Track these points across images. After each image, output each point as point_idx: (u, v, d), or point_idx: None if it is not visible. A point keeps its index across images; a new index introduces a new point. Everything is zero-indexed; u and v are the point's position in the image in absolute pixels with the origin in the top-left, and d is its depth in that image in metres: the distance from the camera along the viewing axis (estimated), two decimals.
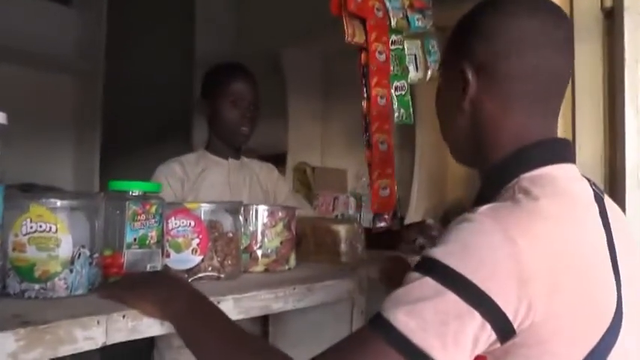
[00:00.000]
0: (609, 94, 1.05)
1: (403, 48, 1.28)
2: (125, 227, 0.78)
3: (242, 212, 0.92)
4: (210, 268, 0.84)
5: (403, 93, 1.26)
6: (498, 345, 0.53)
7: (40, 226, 0.67)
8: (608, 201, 0.66)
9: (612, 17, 1.04)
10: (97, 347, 0.62)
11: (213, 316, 0.65)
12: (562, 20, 0.66)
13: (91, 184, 2.37)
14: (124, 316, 0.64)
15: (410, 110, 1.28)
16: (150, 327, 0.66)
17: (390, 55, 1.24)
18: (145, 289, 0.68)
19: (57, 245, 0.68)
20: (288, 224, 0.97)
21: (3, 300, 0.66)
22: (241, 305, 0.76)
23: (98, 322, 0.61)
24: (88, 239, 0.72)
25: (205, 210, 0.85)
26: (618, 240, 0.61)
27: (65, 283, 0.68)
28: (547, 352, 0.53)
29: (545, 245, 0.54)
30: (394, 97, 1.24)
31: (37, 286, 0.67)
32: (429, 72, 1.35)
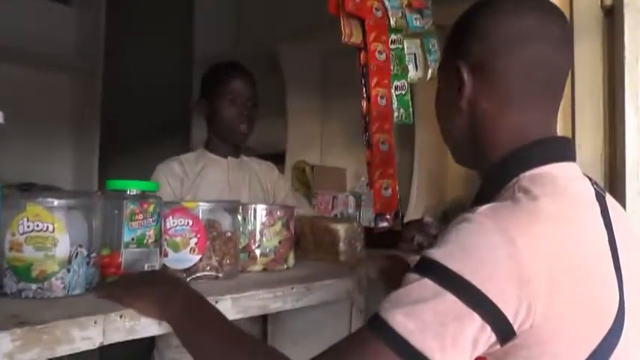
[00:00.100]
0: (609, 92, 1.05)
1: (403, 47, 1.28)
2: (123, 226, 0.78)
3: (240, 211, 0.91)
4: (208, 268, 0.83)
5: (403, 92, 1.25)
6: (498, 346, 0.53)
7: (37, 226, 0.67)
8: (609, 200, 0.66)
9: (612, 15, 1.03)
10: (95, 347, 0.61)
11: (210, 317, 0.65)
12: (557, 17, 0.65)
13: (91, 184, 2.37)
14: (122, 316, 0.64)
15: (409, 110, 1.27)
16: (148, 327, 0.66)
17: (391, 55, 1.23)
18: (143, 289, 0.67)
19: (54, 245, 0.67)
20: (286, 223, 0.96)
21: (0, 300, 0.66)
22: (239, 305, 0.75)
23: (95, 322, 0.61)
24: (86, 239, 0.72)
25: (203, 209, 0.84)
26: (620, 239, 0.60)
27: (62, 283, 0.68)
28: (548, 353, 0.53)
29: (545, 245, 0.53)
30: (394, 97, 1.23)
31: (34, 286, 0.67)
32: (430, 71, 1.34)
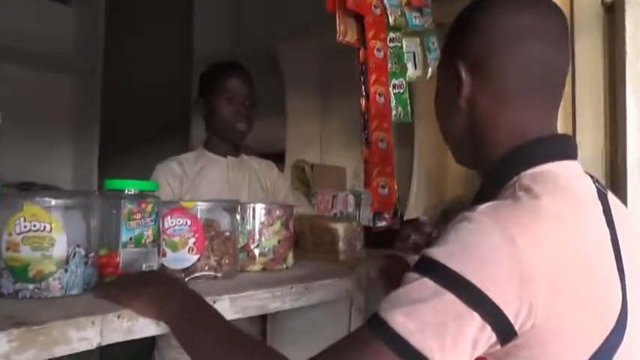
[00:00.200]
0: (610, 89, 1.04)
1: (401, 46, 1.27)
2: (121, 226, 0.77)
3: (239, 211, 0.91)
4: (206, 268, 0.83)
5: (401, 91, 1.25)
6: (499, 347, 0.52)
7: (34, 226, 0.66)
8: (612, 198, 0.65)
9: (613, 11, 1.02)
10: (92, 348, 0.61)
11: (209, 317, 0.64)
12: (556, 14, 0.65)
13: (90, 183, 2.37)
14: (119, 317, 0.63)
15: (408, 108, 1.27)
16: (145, 327, 0.66)
17: (389, 53, 1.23)
18: (141, 289, 0.67)
19: (51, 245, 0.67)
20: (285, 223, 0.96)
21: None
22: (238, 305, 0.75)
23: (93, 323, 0.61)
24: (84, 238, 0.71)
25: (202, 209, 0.84)
26: (623, 238, 0.60)
27: (60, 283, 0.68)
28: (549, 354, 0.52)
29: (546, 245, 0.53)
30: (392, 95, 1.23)
31: (32, 286, 0.66)
32: (429, 70, 1.34)
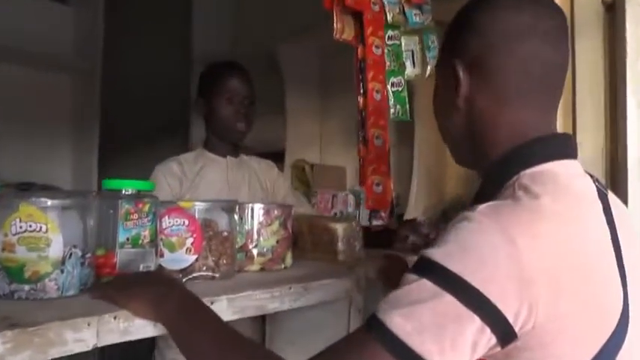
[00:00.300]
0: (610, 88, 1.03)
1: (400, 44, 1.27)
2: (118, 226, 0.77)
3: (237, 211, 0.90)
4: (204, 268, 0.82)
5: (400, 89, 1.24)
6: (499, 349, 0.51)
7: (30, 226, 0.66)
8: (612, 197, 0.65)
9: (613, 10, 1.02)
10: (88, 349, 0.60)
11: (206, 318, 0.64)
12: (554, 12, 0.64)
13: (90, 183, 2.37)
14: (116, 318, 0.63)
15: (406, 107, 1.27)
16: (142, 328, 0.65)
17: (387, 51, 1.23)
18: (138, 290, 0.67)
19: (47, 245, 0.66)
20: (284, 223, 0.95)
21: None
22: (236, 305, 0.74)
23: (89, 324, 0.60)
24: (80, 239, 0.71)
25: (199, 209, 0.83)
26: (623, 238, 0.59)
27: (56, 284, 0.67)
28: (551, 356, 0.52)
29: (546, 245, 0.52)
30: (390, 93, 1.23)
31: (27, 287, 0.66)
32: (429, 68, 1.33)
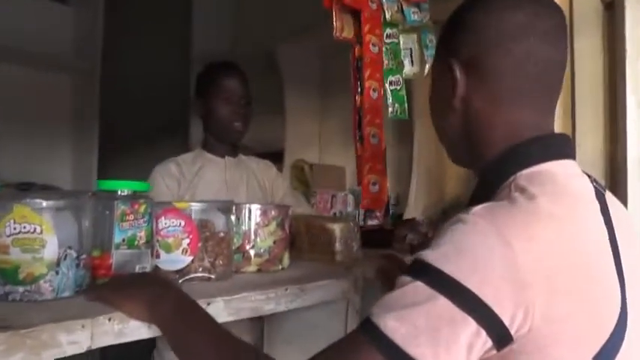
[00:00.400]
0: (610, 87, 1.03)
1: (398, 42, 1.26)
2: (114, 227, 0.76)
3: (234, 211, 0.90)
4: (200, 269, 0.82)
5: (398, 88, 1.23)
6: (495, 352, 0.51)
7: (25, 227, 0.65)
8: (609, 197, 0.64)
9: (613, 8, 1.01)
10: (82, 351, 0.60)
11: (201, 320, 0.64)
12: (551, 11, 0.63)
13: (90, 183, 2.37)
14: (110, 319, 0.63)
15: (404, 105, 1.26)
16: (137, 330, 0.65)
17: (385, 49, 1.22)
18: (133, 291, 0.66)
19: (42, 246, 0.66)
20: (281, 223, 0.95)
21: None
22: (232, 306, 0.74)
23: (83, 326, 0.60)
24: (76, 240, 0.70)
25: (196, 209, 0.83)
26: (621, 238, 0.59)
27: (51, 286, 0.67)
28: (548, 359, 0.51)
29: (542, 247, 0.51)
30: (388, 92, 1.22)
31: (22, 289, 0.65)
32: (427, 66, 1.33)
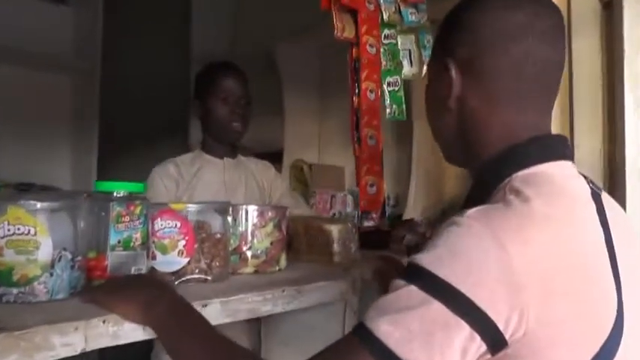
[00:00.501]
0: (608, 87, 1.02)
1: (396, 43, 1.26)
2: (109, 229, 0.76)
3: (231, 212, 0.90)
4: (197, 270, 0.82)
5: (396, 89, 1.23)
6: (489, 356, 0.50)
7: (19, 229, 0.65)
8: (606, 198, 0.63)
9: (611, 7, 1.01)
10: (76, 354, 0.60)
11: (195, 322, 0.63)
12: (550, 11, 0.63)
13: (89, 184, 2.37)
14: (105, 321, 0.62)
15: (403, 106, 1.26)
16: (131, 332, 0.65)
17: (383, 50, 1.22)
18: (127, 293, 0.66)
19: (36, 248, 0.66)
20: (278, 224, 0.95)
21: None
22: (228, 308, 0.74)
23: (77, 328, 0.60)
24: (71, 242, 0.70)
25: (192, 211, 0.83)
26: (617, 240, 0.58)
27: (45, 287, 0.67)
28: None
29: (537, 250, 0.51)
30: (386, 93, 1.22)
31: (16, 291, 0.65)
32: (425, 67, 1.32)
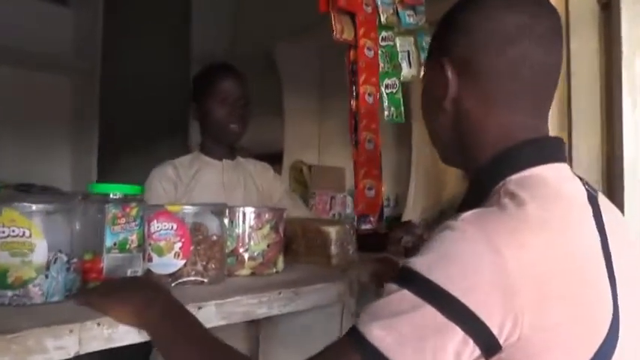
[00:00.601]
0: (606, 88, 1.02)
1: (395, 45, 1.25)
2: (105, 231, 0.76)
3: (227, 214, 0.89)
4: (193, 273, 0.81)
5: (394, 91, 1.22)
6: None
7: (13, 231, 0.65)
8: (602, 200, 0.63)
9: (609, 8, 1.00)
10: (70, 357, 0.60)
11: (189, 325, 0.63)
12: (545, 12, 0.62)
13: (89, 184, 2.37)
14: (99, 324, 0.62)
15: (401, 108, 1.25)
16: (126, 335, 0.64)
17: (381, 52, 1.21)
18: (122, 295, 0.66)
19: (31, 250, 0.66)
20: (275, 226, 0.94)
21: None
22: (224, 311, 0.73)
23: (71, 331, 0.59)
24: (66, 244, 0.70)
25: (188, 212, 0.82)
26: (614, 242, 0.57)
27: (40, 290, 0.66)
28: None
29: (532, 254, 0.50)
30: (384, 95, 1.21)
31: (11, 293, 0.65)
32: (423, 68, 1.32)
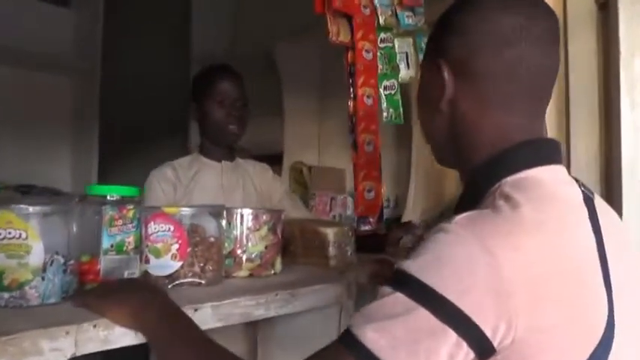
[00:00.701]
0: (604, 89, 1.01)
1: (393, 46, 1.25)
2: (102, 233, 0.76)
3: (225, 216, 0.89)
4: (190, 274, 0.81)
5: (393, 92, 1.22)
6: None
7: (10, 233, 0.66)
8: (598, 202, 0.62)
9: (607, 9, 1.00)
10: (66, 359, 0.60)
11: (185, 328, 0.63)
12: (542, 14, 0.62)
13: (89, 185, 2.37)
14: (95, 326, 0.62)
15: (400, 110, 1.25)
16: (122, 337, 0.64)
17: (379, 54, 1.21)
18: (119, 297, 0.66)
19: (27, 252, 0.66)
20: (273, 228, 0.94)
21: None
22: (220, 312, 0.73)
23: (67, 333, 0.59)
24: (63, 245, 0.70)
25: (185, 214, 0.82)
26: (609, 245, 0.57)
27: (37, 292, 0.67)
28: None
29: (527, 257, 0.50)
30: (383, 97, 1.21)
31: (7, 295, 0.65)
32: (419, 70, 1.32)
